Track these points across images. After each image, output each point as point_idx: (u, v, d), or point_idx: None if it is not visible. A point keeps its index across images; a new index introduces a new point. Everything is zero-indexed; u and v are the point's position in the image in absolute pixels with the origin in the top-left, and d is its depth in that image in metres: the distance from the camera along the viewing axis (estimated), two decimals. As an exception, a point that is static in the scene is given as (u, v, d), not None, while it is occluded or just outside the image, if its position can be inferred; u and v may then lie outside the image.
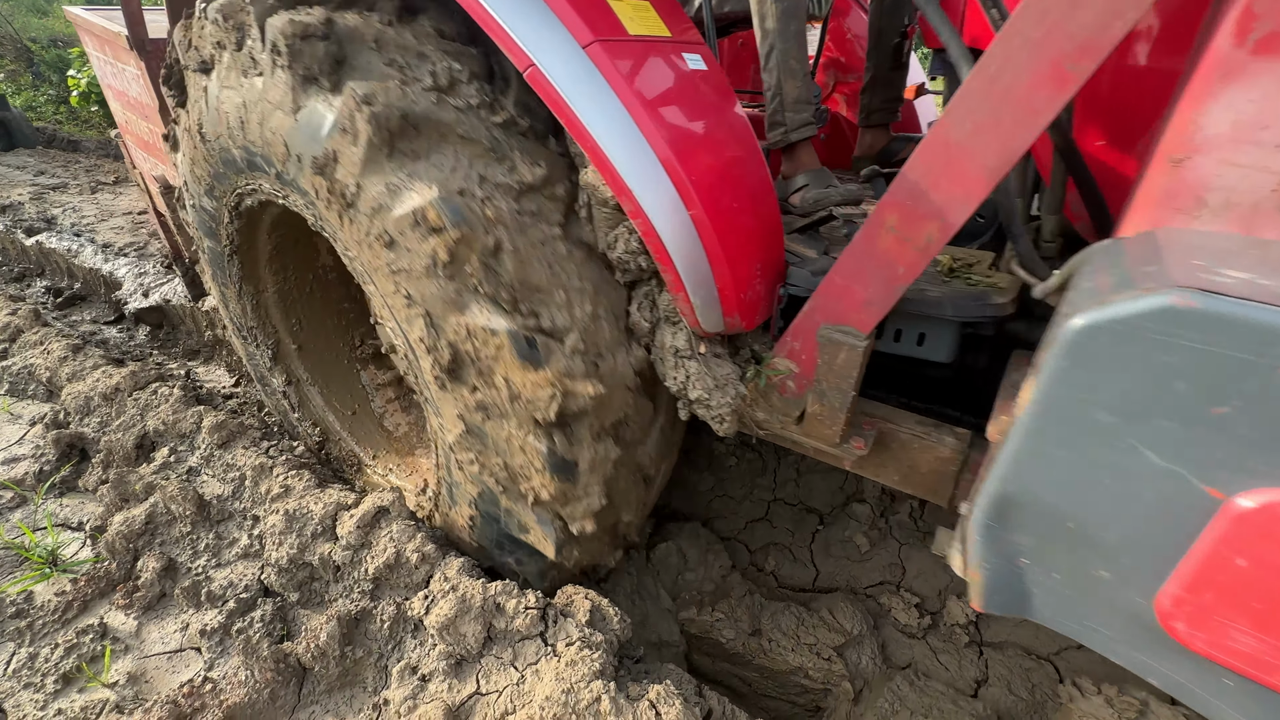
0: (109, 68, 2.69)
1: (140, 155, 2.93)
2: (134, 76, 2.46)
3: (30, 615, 1.75)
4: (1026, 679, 1.73)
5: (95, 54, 2.75)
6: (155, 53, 2.33)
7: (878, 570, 2.12)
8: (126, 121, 2.85)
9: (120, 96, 2.77)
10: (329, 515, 1.70)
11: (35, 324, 3.07)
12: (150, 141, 2.67)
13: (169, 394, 2.33)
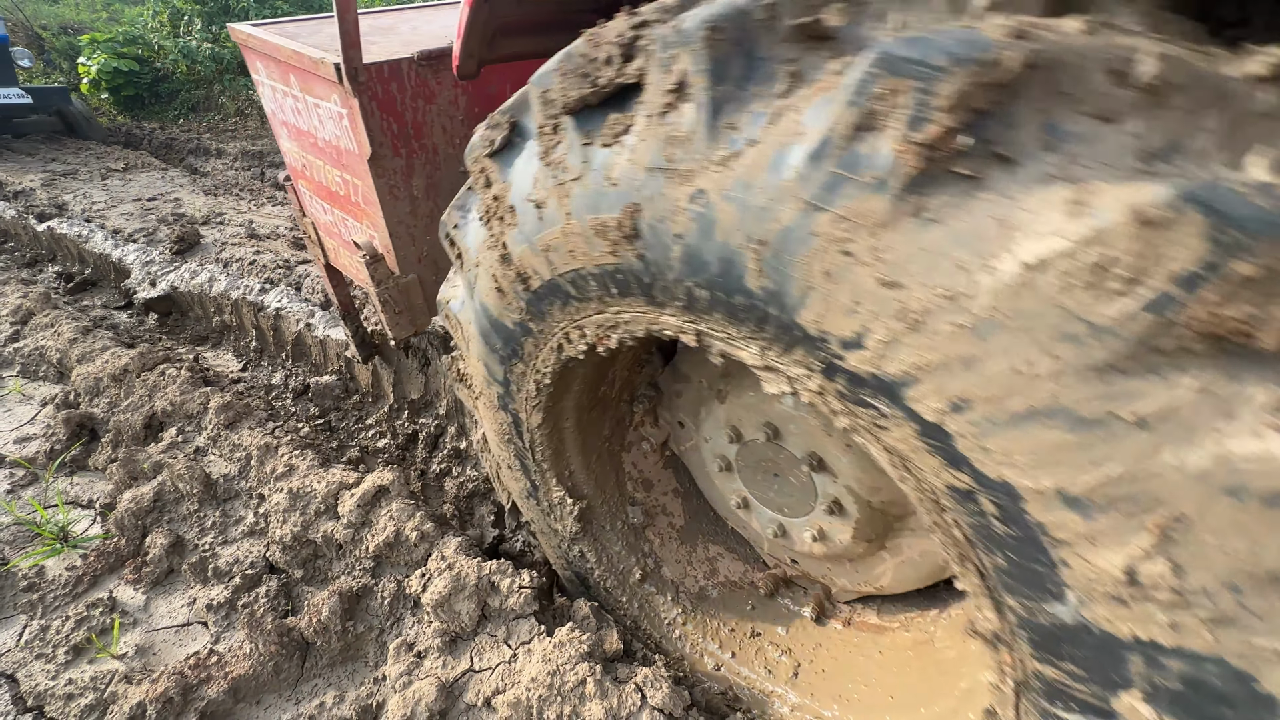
0: (290, 101, 1.96)
1: (320, 208, 2.24)
2: (332, 115, 1.78)
3: (42, 589, 1.80)
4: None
5: (271, 83, 2.01)
6: (369, 86, 1.66)
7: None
8: (305, 166, 2.15)
9: (301, 136, 2.03)
10: (331, 494, 1.73)
11: (46, 307, 3.13)
12: (343, 195, 1.99)
13: (176, 375, 2.37)
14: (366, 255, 1.86)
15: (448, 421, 2.94)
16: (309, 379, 3.30)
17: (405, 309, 2.00)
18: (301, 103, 1.85)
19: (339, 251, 2.25)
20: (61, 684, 1.55)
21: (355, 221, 1.97)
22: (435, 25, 2.14)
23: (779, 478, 1.41)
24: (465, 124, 1.75)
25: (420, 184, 1.78)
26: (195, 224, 4.53)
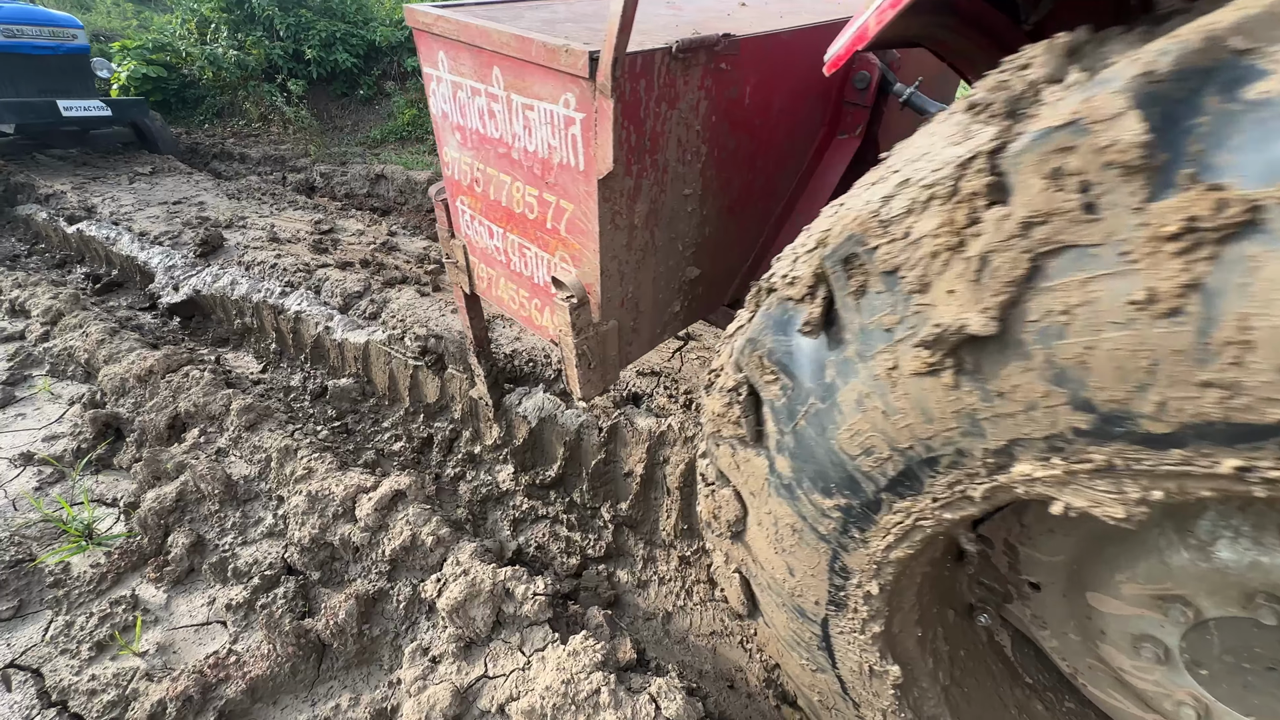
0: (479, 101, 1.56)
1: (485, 231, 1.82)
2: (552, 120, 1.36)
3: (67, 585, 1.84)
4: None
5: (456, 78, 1.59)
6: (621, 84, 1.22)
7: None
8: (478, 181, 1.72)
9: (484, 145, 1.63)
10: (349, 497, 1.75)
11: (75, 308, 3.21)
12: (533, 219, 1.58)
13: (200, 377, 2.42)
14: (572, 297, 1.47)
15: (462, 426, 2.97)
16: (327, 381, 3.34)
17: (599, 363, 1.63)
18: (500, 103, 1.48)
19: (497, 283, 1.92)
20: (85, 680, 1.58)
21: (543, 252, 1.60)
22: (659, 6, 1.79)
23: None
24: (700, 136, 1.46)
25: (642, 210, 1.45)
26: (219, 227, 4.62)
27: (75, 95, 5.99)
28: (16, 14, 5.63)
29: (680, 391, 2.61)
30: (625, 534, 2.53)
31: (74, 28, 6.09)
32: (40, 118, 5.52)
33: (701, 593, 2.35)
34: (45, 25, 5.80)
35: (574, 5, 1.78)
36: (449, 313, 3.37)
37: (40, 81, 5.81)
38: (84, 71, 6.21)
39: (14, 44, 5.52)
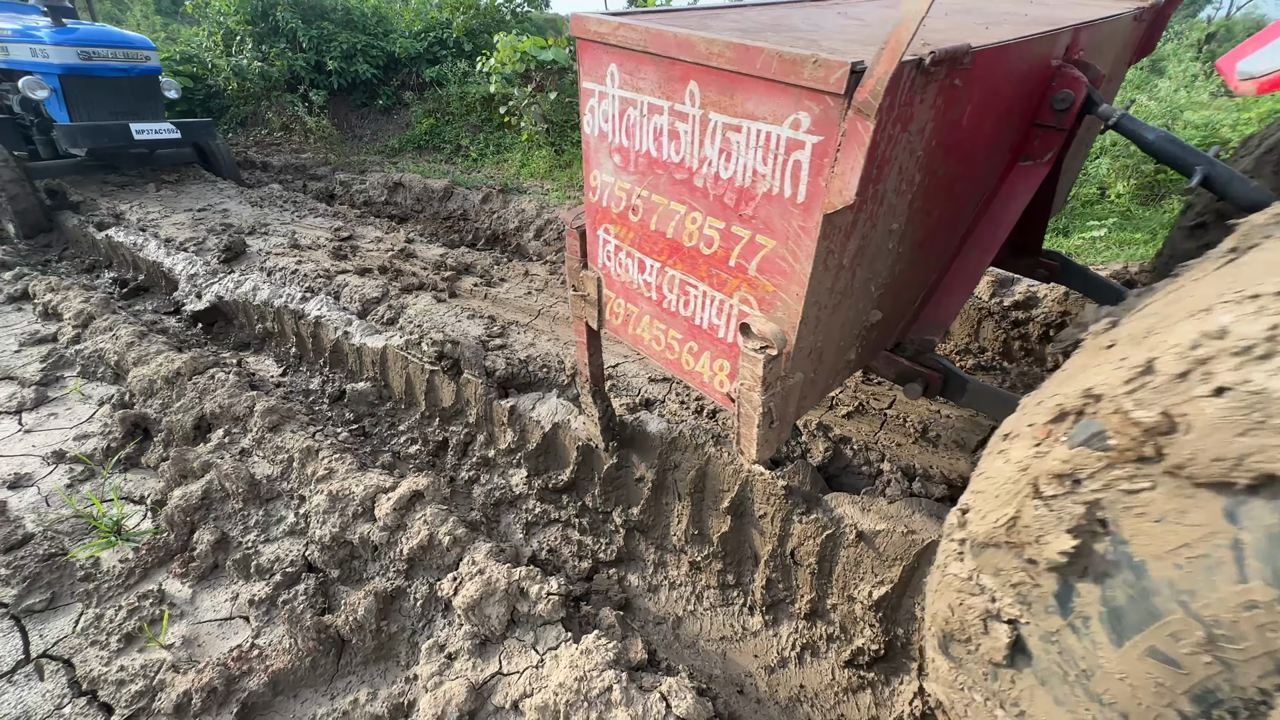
0: (656, 120, 1.39)
1: (635, 264, 1.62)
2: (768, 144, 1.20)
3: (97, 579, 1.90)
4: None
5: (627, 93, 1.43)
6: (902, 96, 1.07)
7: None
8: (637, 209, 1.52)
9: (655, 169, 1.44)
10: (369, 497, 1.80)
11: (106, 311, 3.31)
12: (712, 254, 1.39)
13: (225, 379, 2.49)
14: (767, 347, 1.28)
15: (477, 430, 3.01)
16: (345, 385, 3.41)
17: (779, 421, 1.43)
18: (689, 122, 1.30)
19: (637, 320, 1.72)
20: (114, 670, 1.64)
21: (715, 292, 1.41)
22: (830, 14, 1.63)
23: None
24: (918, 162, 1.27)
25: (853, 248, 1.27)
26: (242, 234, 4.73)
27: (146, 117, 5.92)
28: (93, 36, 5.51)
29: (692, 398, 2.64)
30: (636, 539, 2.56)
31: (147, 49, 5.91)
32: (113, 141, 5.46)
33: (712, 598, 2.37)
34: (120, 47, 5.64)
35: (760, 12, 1.63)
36: (465, 318, 3.43)
37: (112, 104, 5.71)
38: (154, 93, 6.09)
39: (90, 66, 5.42)
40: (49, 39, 5.18)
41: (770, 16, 1.61)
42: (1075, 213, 5.29)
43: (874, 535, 1.85)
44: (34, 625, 1.81)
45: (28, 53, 5.40)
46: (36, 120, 5.71)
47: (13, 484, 2.30)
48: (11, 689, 1.63)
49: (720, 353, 1.48)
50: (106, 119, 5.57)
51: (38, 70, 5.34)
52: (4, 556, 1.95)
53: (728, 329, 1.44)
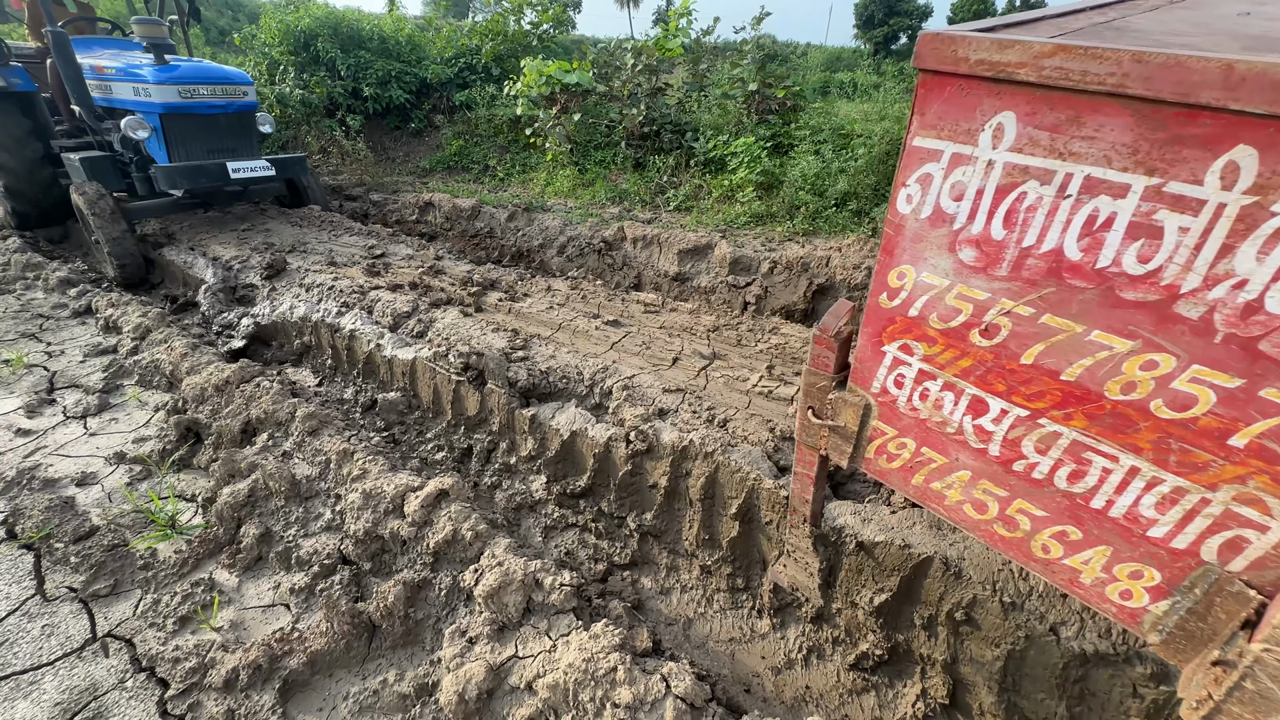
0: (1096, 205, 0.89)
1: (949, 399, 1.19)
2: None
3: (154, 568, 2.08)
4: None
5: (1041, 160, 0.92)
6: None
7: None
8: (993, 332, 1.08)
9: (1079, 277, 0.95)
10: (399, 495, 1.95)
11: (161, 325, 3.57)
12: (1195, 424, 0.91)
13: (269, 388, 2.69)
14: None
15: (499, 438, 3.16)
16: (376, 394, 3.60)
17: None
18: (1191, 214, 0.83)
19: (937, 474, 1.29)
20: (170, 649, 1.80)
21: (1180, 479, 0.96)
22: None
23: None
24: None
25: None
26: (283, 252, 5.02)
27: (241, 153, 5.67)
28: (194, 73, 5.20)
29: (704, 408, 2.75)
30: (649, 543, 2.66)
31: (245, 84, 5.56)
32: (211, 181, 5.21)
33: (721, 601, 2.45)
34: (219, 83, 5.33)
35: (1168, 14, 1.20)
36: (489, 332, 3.60)
37: (209, 140, 5.44)
38: (250, 128, 5.75)
39: (189, 105, 5.13)
40: (151, 77, 4.94)
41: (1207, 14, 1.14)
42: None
43: (873, 546, 1.92)
44: (99, 608, 1.99)
45: (130, 91, 5.21)
46: (135, 158, 5.52)
47: (80, 481, 2.52)
48: (81, 664, 1.81)
49: (1142, 556, 1.04)
50: (203, 156, 5.39)
51: (139, 109, 5.16)
52: (74, 546, 2.15)
53: (1179, 530, 0.99)
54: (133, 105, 5.21)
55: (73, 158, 5.32)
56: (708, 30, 8.52)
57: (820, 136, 6.57)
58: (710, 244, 5.16)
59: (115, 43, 6.33)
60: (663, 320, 3.75)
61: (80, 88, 5.22)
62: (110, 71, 5.34)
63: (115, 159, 5.54)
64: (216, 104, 5.33)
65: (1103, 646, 1.60)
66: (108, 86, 5.42)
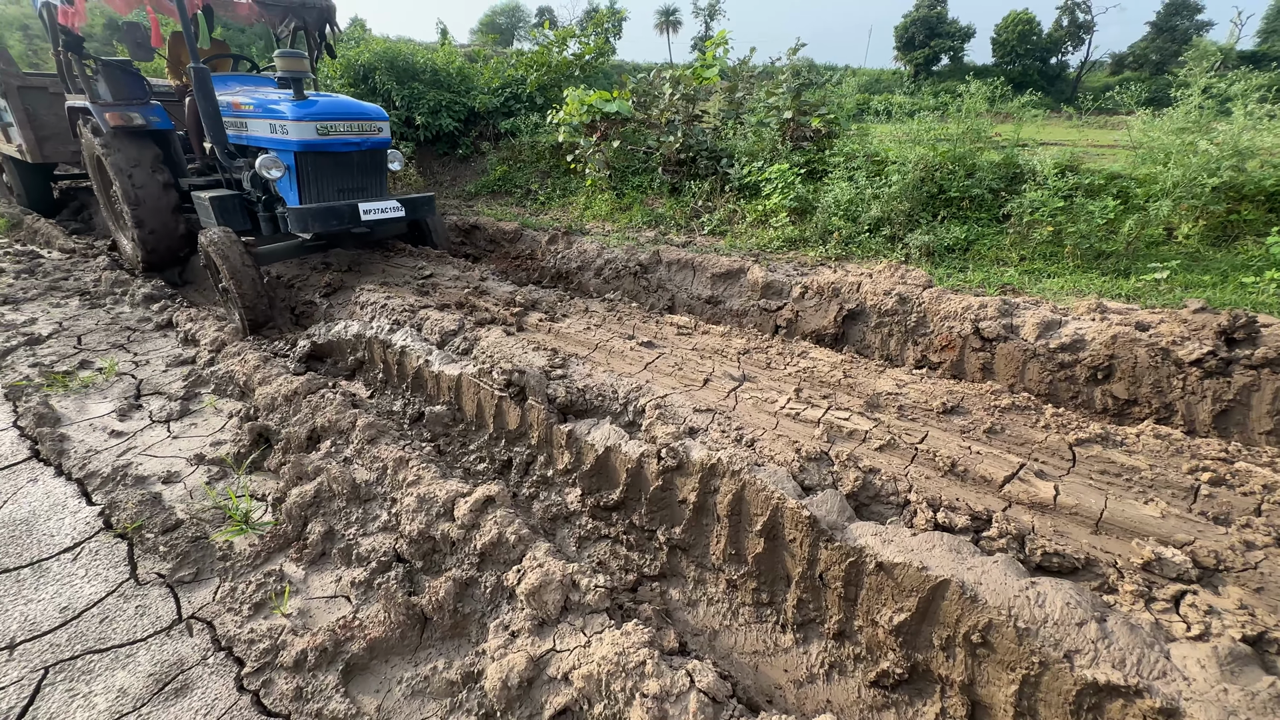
0: None
1: None
2: None
3: (231, 559, 2.31)
4: None
5: None
6: None
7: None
8: None
9: None
10: (450, 500, 2.13)
11: (235, 339, 3.91)
12: None
13: (333, 398, 2.94)
14: None
15: (538, 451, 3.34)
16: (423, 408, 3.84)
17: None
18: None
19: None
20: (245, 631, 2.01)
21: None
22: None
23: None
24: None
25: None
26: (340, 272, 5.39)
27: (371, 192, 5.35)
28: (333, 109, 4.84)
29: (733, 428, 2.87)
30: (678, 556, 2.78)
31: (380, 120, 5.17)
32: (342, 223, 4.88)
33: (746, 614, 2.55)
34: (356, 119, 4.96)
35: None
36: (530, 350, 3.81)
37: (340, 180, 5.10)
38: (381, 167, 5.40)
39: (325, 142, 4.77)
40: (290, 113, 4.64)
41: None
42: (1138, 254, 5.21)
43: (892, 567, 2.01)
44: (184, 593, 2.23)
45: (266, 128, 4.92)
46: (263, 198, 5.29)
47: (165, 479, 2.80)
48: (170, 641, 2.03)
49: None
50: (334, 196, 5.07)
51: (274, 147, 4.89)
52: (163, 537, 2.41)
53: None
54: (267, 143, 4.97)
55: (203, 197, 5.18)
56: (744, 60, 8.76)
57: (854, 163, 6.67)
58: (743, 268, 5.30)
59: (248, 79, 6.23)
60: (695, 342, 3.89)
61: (217, 124, 5.01)
62: (247, 108, 5.09)
63: (243, 198, 5.40)
64: (351, 141, 4.97)
65: (1115, 677, 1.65)
66: (243, 123, 5.20)
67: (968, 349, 3.98)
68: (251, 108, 5.04)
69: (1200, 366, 3.19)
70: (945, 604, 1.93)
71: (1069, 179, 5.61)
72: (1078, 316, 3.85)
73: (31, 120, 7.27)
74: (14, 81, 7.14)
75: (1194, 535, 2.05)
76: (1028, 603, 1.77)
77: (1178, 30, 38.13)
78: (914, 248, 5.72)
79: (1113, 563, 2.02)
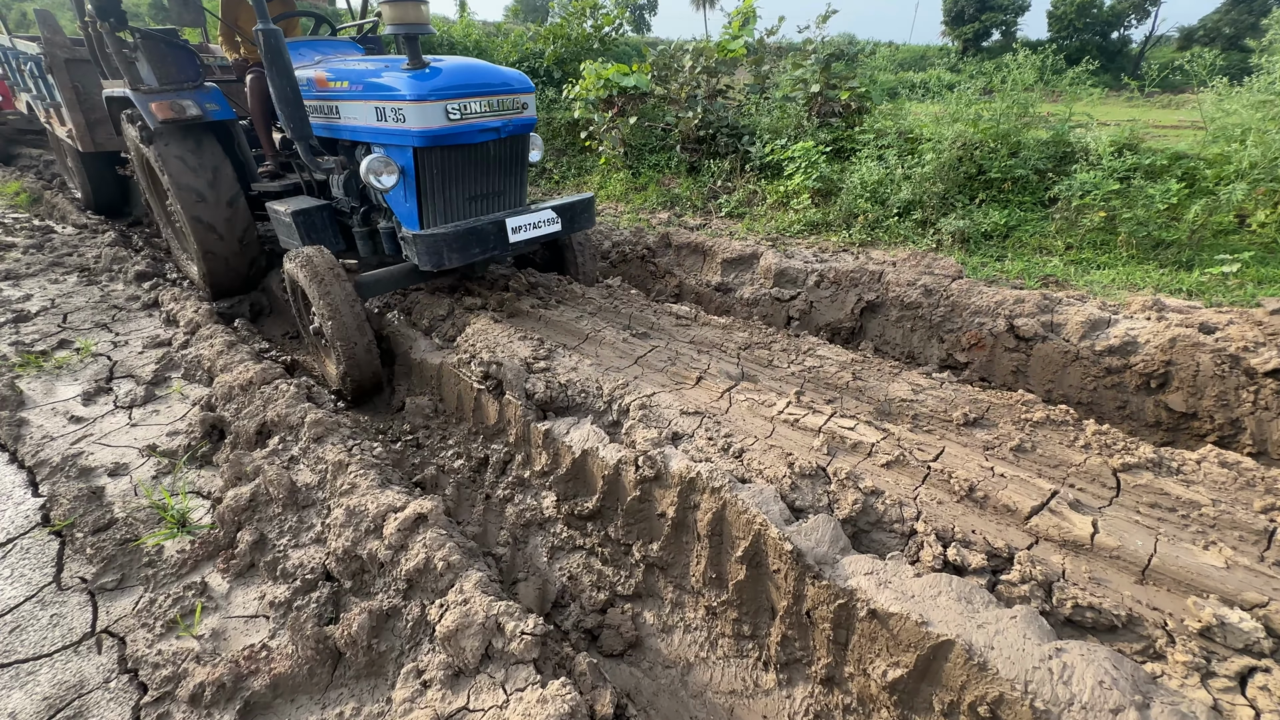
0: None
1: None
2: None
3: (157, 566, 2.12)
4: None
5: None
6: None
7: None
8: None
9: None
10: (380, 515, 1.89)
11: (210, 320, 3.75)
12: None
13: (286, 390, 2.73)
14: None
15: (515, 450, 3.09)
16: (405, 398, 3.63)
17: None
18: None
19: None
20: (153, 653, 1.82)
21: None
22: None
23: None
24: None
25: None
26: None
27: (509, 197, 3.76)
28: (464, 77, 3.19)
29: (721, 434, 2.56)
30: (655, 575, 2.50)
31: (526, 91, 3.46)
32: (486, 250, 3.43)
33: (726, 647, 2.26)
34: (497, 92, 3.30)
35: None
36: (516, 339, 3.55)
37: (472, 182, 3.51)
38: (523, 160, 3.72)
39: (457, 131, 3.20)
40: (408, 90, 3.06)
41: None
42: (1203, 244, 4.64)
43: (887, 617, 1.68)
44: (104, 602, 2.05)
45: (368, 114, 3.35)
46: (360, 208, 3.93)
47: (113, 472, 2.63)
48: (76, 659, 1.85)
49: None
50: (463, 205, 3.53)
51: (382, 141, 3.38)
52: (92, 537, 2.24)
53: None
54: (370, 135, 3.45)
55: (282, 211, 3.84)
56: (772, 30, 8.22)
57: (884, 141, 6.16)
58: (756, 254, 4.92)
59: (324, 43, 4.54)
60: (693, 334, 3.57)
61: (298, 111, 3.47)
62: (338, 85, 3.53)
63: (332, 208, 4.01)
64: (490, 126, 3.32)
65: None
66: (332, 108, 3.65)
67: (999, 349, 3.55)
68: (345, 85, 3.48)
69: (1277, 378, 2.73)
70: (948, 666, 1.61)
71: (1127, 159, 5.02)
72: (1130, 315, 3.39)
73: (81, 100, 5.95)
74: (61, 54, 5.77)
75: (1268, 594, 1.66)
76: (1050, 677, 1.43)
77: (1255, 1, 35.14)
78: (947, 233, 5.24)
79: (1161, 623, 1.65)
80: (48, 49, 5.81)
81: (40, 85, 6.82)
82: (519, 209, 3.70)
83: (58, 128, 6.88)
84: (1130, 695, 1.40)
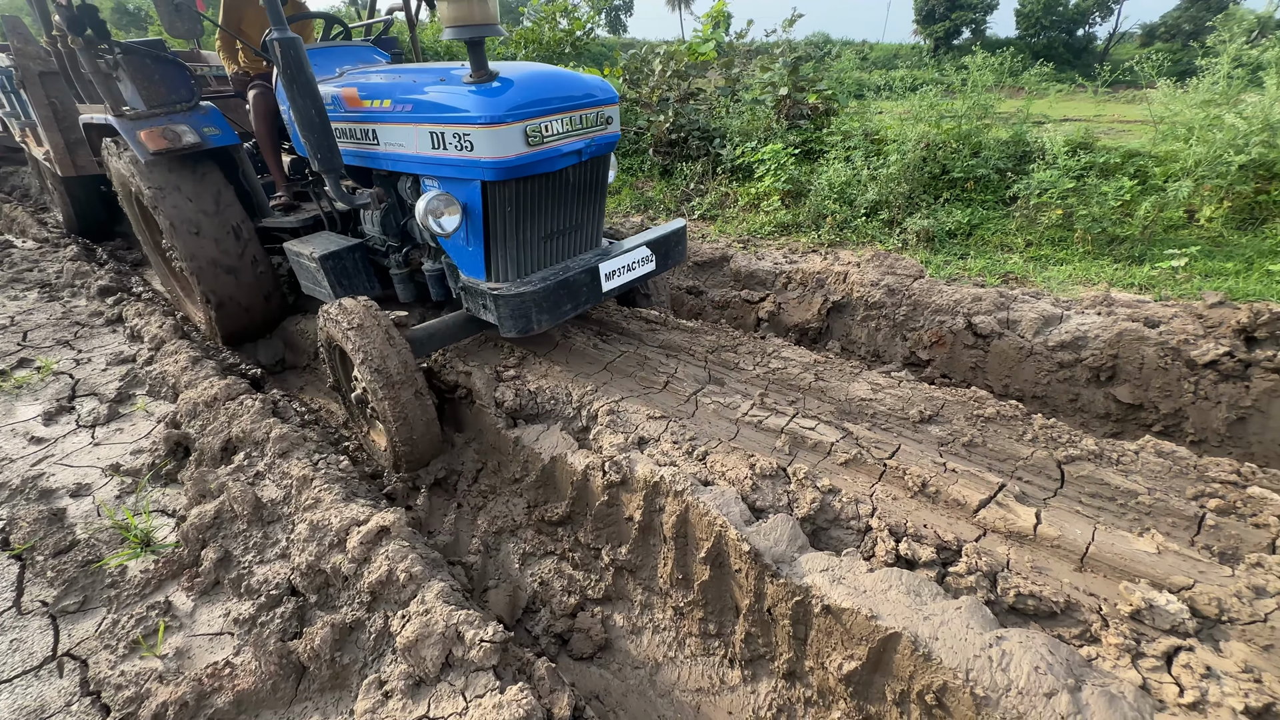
0: None
1: None
2: None
3: (120, 586, 2.11)
4: None
5: None
6: None
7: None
8: None
9: None
10: (344, 528, 1.91)
11: (175, 336, 3.71)
12: None
13: (251, 405, 2.72)
14: None
15: (486, 458, 3.12)
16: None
17: None
18: None
19: None
20: (116, 674, 1.81)
21: None
22: None
23: None
24: None
25: None
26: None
27: (586, 230, 3.11)
28: (542, 89, 2.52)
29: (686, 438, 2.61)
30: (625, 578, 2.54)
31: (610, 102, 2.79)
32: (578, 306, 2.88)
33: (693, 646, 2.31)
34: (579, 105, 2.62)
35: None
36: (489, 346, 3.56)
37: (548, 217, 2.86)
38: (603, 186, 3.07)
39: (537, 158, 2.53)
40: (481, 110, 2.38)
41: None
42: (1154, 239, 4.81)
43: (840, 612, 1.75)
44: (66, 625, 2.03)
45: (421, 140, 2.68)
46: (401, 248, 3.35)
47: (74, 493, 2.61)
48: (36, 683, 1.84)
49: None
50: (537, 244, 2.88)
51: (440, 173, 2.73)
52: (53, 560, 2.22)
53: None
54: (421, 166, 2.80)
55: (305, 255, 3.27)
56: (742, 33, 8.32)
57: (851, 142, 6.28)
58: (726, 256, 4.99)
59: (338, 51, 3.76)
60: (662, 338, 3.62)
61: (325, 138, 2.79)
62: (378, 106, 2.85)
63: (365, 247, 3.42)
64: (570, 149, 2.66)
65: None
66: (367, 132, 2.98)
67: (959, 346, 3.66)
68: (386, 105, 2.80)
69: (1215, 369, 2.86)
70: (897, 657, 1.67)
71: (1081, 157, 5.19)
72: (1081, 310, 3.52)
73: (59, 118, 5.25)
74: (35, 66, 5.14)
75: (1194, 577, 1.76)
76: (989, 665, 1.50)
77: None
78: (912, 233, 5.36)
79: (1097, 608, 1.74)
80: (19, 61, 5.15)
81: (12, 101, 6.16)
82: (594, 239, 3.13)
83: (34, 148, 6.21)
84: (1064, 679, 1.47)
